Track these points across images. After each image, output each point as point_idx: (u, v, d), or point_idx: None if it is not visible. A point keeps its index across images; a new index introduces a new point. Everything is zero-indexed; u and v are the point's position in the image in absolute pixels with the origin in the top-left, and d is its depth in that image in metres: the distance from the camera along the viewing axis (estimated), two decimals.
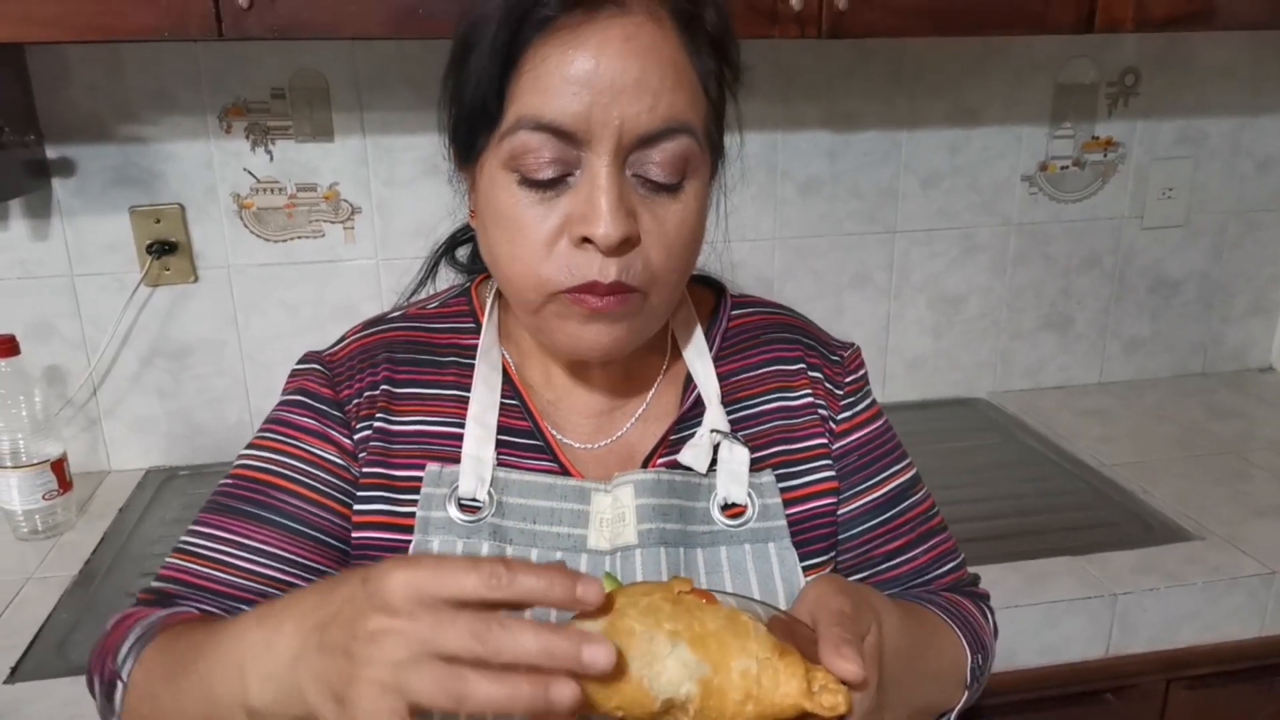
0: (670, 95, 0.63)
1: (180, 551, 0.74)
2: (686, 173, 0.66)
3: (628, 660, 0.49)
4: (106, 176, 1.35)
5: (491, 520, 0.72)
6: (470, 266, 0.87)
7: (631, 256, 0.65)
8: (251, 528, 0.73)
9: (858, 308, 1.64)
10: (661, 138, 0.64)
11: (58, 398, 1.41)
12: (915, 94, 1.55)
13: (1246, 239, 1.74)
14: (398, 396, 0.76)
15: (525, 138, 0.63)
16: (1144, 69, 1.61)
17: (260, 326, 1.45)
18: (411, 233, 1.44)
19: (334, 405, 0.76)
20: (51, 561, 1.21)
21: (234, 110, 1.36)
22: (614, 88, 0.62)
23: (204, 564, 0.72)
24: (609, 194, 0.63)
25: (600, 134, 0.62)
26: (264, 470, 0.74)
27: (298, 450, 0.74)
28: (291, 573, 0.72)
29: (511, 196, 0.65)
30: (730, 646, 0.52)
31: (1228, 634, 1.16)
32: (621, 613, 0.51)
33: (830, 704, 0.53)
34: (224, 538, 0.73)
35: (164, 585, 0.73)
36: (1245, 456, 1.46)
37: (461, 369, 0.77)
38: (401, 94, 1.39)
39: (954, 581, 0.83)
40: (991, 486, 1.41)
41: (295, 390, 0.77)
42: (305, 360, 0.79)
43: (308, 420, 0.75)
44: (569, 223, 0.64)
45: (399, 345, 0.78)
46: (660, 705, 0.50)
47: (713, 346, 0.80)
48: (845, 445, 0.80)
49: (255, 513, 0.73)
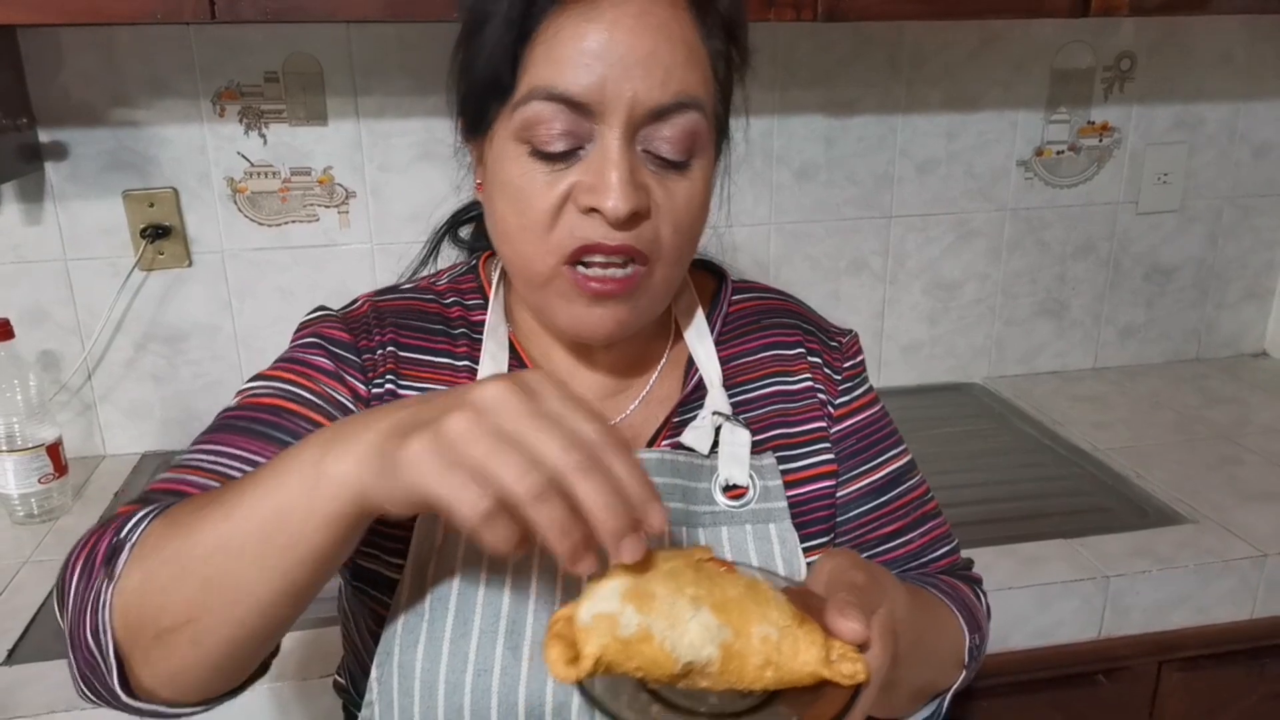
0: (681, 71, 0.64)
1: (180, 466, 0.67)
2: (694, 150, 0.67)
3: (649, 621, 0.50)
4: (100, 161, 1.34)
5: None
6: (473, 245, 0.87)
7: (641, 229, 0.66)
8: (264, 446, 0.67)
9: (854, 293, 1.64)
10: (672, 112, 0.64)
11: (52, 382, 1.40)
12: (912, 80, 1.54)
13: (1241, 225, 1.74)
14: (405, 361, 0.74)
15: (538, 108, 0.64)
16: (1140, 54, 1.60)
17: (255, 311, 1.44)
18: (407, 218, 1.44)
19: (353, 351, 0.73)
20: (47, 545, 1.22)
21: (227, 94, 1.35)
22: (626, 61, 0.62)
23: (208, 476, 0.66)
24: (620, 167, 0.63)
25: (613, 106, 0.63)
26: (278, 396, 0.70)
27: (313, 386, 0.71)
28: None
29: (522, 168, 0.65)
30: (751, 613, 0.52)
31: (1219, 617, 1.17)
32: (643, 576, 0.51)
33: (849, 672, 0.53)
34: (232, 453, 0.67)
35: (162, 491, 0.65)
36: (1238, 441, 1.47)
37: (473, 342, 0.76)
38: (395, 78, 1.38)
39: (949, 565, 0.83)
40: (986, 471, 1.41)
41: (310, 334, 0.74)
42: (319, 309, 0.77)
43: (323, 361, 0.72)
44: (577, 191, 0.65)
45: (410, 313, 0.77)
46: (680, 668, 0.50)
47: (714, 330, 0.81)
48: (843, 429, 0.81)
49: (268, 433, 0.68)
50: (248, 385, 0.72)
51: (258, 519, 0.53)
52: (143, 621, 0.55)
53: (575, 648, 0.50)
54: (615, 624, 0.49)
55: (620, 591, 0.51)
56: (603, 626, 0.49)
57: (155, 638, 0.55)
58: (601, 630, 0.49)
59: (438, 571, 0.69)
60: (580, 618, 0.50)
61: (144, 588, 0.55)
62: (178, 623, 0.55)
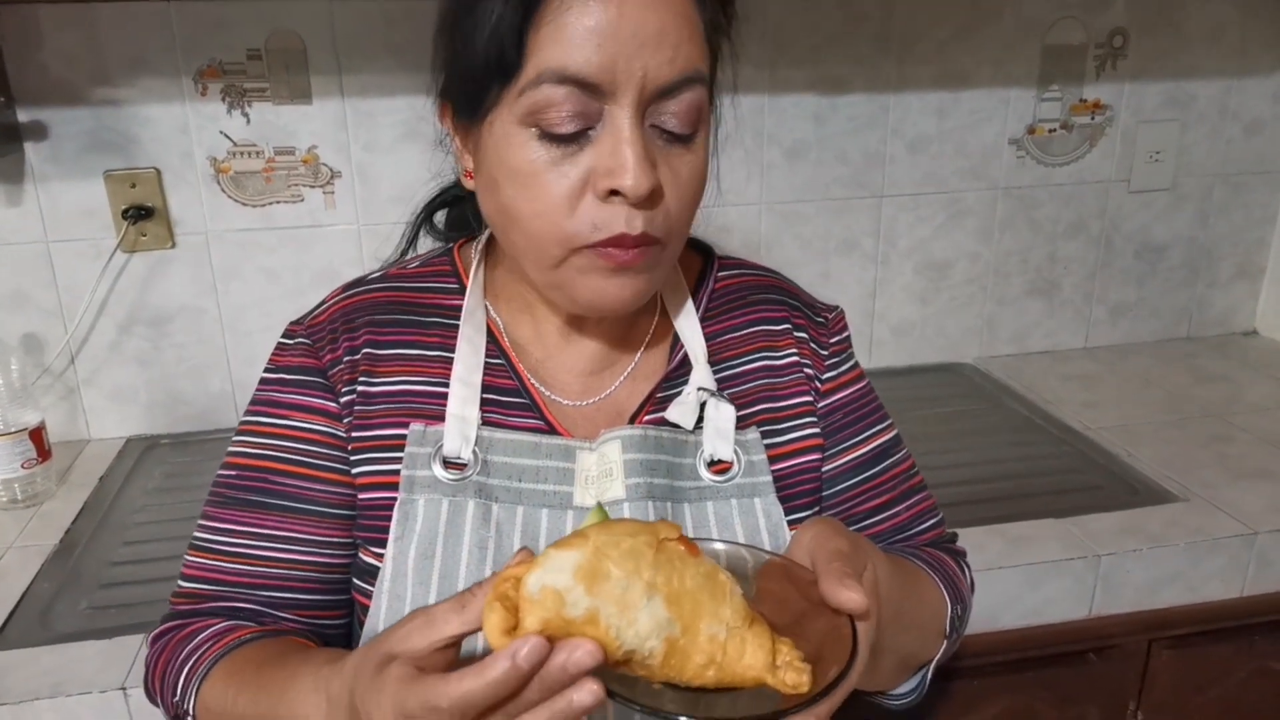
0: (687, 46, 0.64)
1: (199, 549, 0.75)
2: (699, 123, 0.67)
3: (598, 604, 0.48)
4: (80, 141, 1.32)
5: (476, 479, 0.71)
6: (448, 234, 0.87)
7: (656, 213, 0.65)
8: (262, 516, 0.74)
9: (845, 273, 1.63)
10: (680, 88, 0.64)
11: (35, 366, 1.39)
12: (903, 57, 1.53)
13: (1232, 203, 1.74)
14: (381, 358, 0.75)
15: (549, 91, 0.62)
16: (1132, 30, 1.59)
17: (240, 293, 1.43)
18: (393, 198, 1.42)
19: (317, 374, 0.76)
20: (32, 531, 1.20)
21: (209, 72, 1.33)
22: (637, 38, 0.61)
23: (226, 559, 0.74)
24: (634, 146, 0.63)
25: (624, 85, 0.62)
26: (261, 457, 0.75)
27: (289, 430, 0.75)
28: (312, 552, 0.74)
29: (530, 153, 0.64)
30: (703, 608, 0.51)
31: (1209, 594, 1.17)
32: (602, 553, 0.49)
33: (793, 682, 0.52)
34: (238, 530, 0.74)
35: (194, 586, 0.75)
36: (1228, 420, 1.47)
37: (446, 329, 0.76)
38: (381, 56, 1.36)
39: (934, 539, 0.84)
40: (977, 451, 1.41)
41: (278, 367, 0.78)
42: (287, 334, 0.79)
43: (293, 396, 0.76)
44: (594, 176, 0.64)
45: (381, 306, 0.77)
46: (622, 654, 0.49)
47: (700, 307, 0.81)
48: (830, 404, 0.81)
49: (262, 501, 0.74)
50: (236, 439, 0.77)
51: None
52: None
53: (516, 615, 0.48)
54: (562, 602, 0.47)
55: (575, 565, 0.48)
56: (549, 601, 0.47)
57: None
58: (546, 605, 0.47)
59: (418, 556, 0.70)
60: (528, 586, 0.48)
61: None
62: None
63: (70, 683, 0.92)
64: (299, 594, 0.75)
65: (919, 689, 0.79)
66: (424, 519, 0.70)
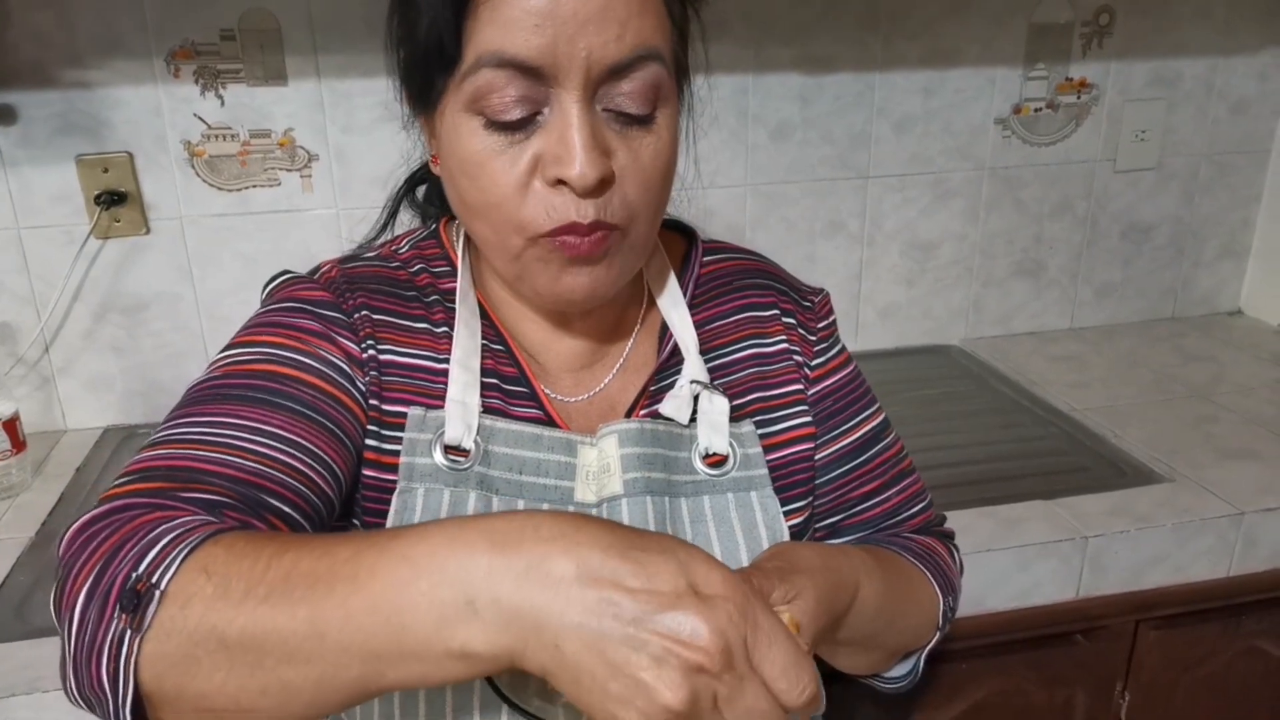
0: (637, 21, 0.60)
1: (166, 443, 0.60)
2: (658, 102, 0.64)
3: None
4: (51, 124, 1.29)
5: (478, 470, 0.69)
6: (425, 210, 0.84)
7: (609, 195, 0.63)
8: (265, 413, 0.62)
9: (830, 255, 1.62)
10: (631, 67, 0.61)
11: (8, 355, 1.36)
12: (889, 36, 1.51)
13: (1217, 182, 1.73)
14: (380, 325, 0.70)
15: (488, 76, 0.60)
16: (1118, 8, 1.58)
17: (216, 279, 1.40)
18: (372, 181, 1.40)
19: (337, 310, 0.69)
20: (7, 523, 1.18)
21: (182, 53, 1.30)
22: (578, 17, 0.58)
23: (213, 449, 0.59)
24: (581, 132, 0.60)
25: (567, 68, 0.59)
26: (267, 361, 0.65)
27: (303, 346, 0.66)
28: (315, 466, 0.63)
29: (479, 142, 0.62)
30: None
31: (1196, 575, 1.17)
32: None
33: None
34: (233, 423, 0.61)
35: (157, 478, 0.57)
36: (1214, 400, 1.47)
37: (447, 310, 0.73)
38: (358, 36, 1.33)
39: (924, 522, 0.84)
40: (964, 433, 1.41)
41: (285, 299, 0.69)
42: (284, 273, 0.72)
43: (308, 323, 0.67)
44: (542, 164, 0.62)
45: (379, 279, 0.73)
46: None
47: (686, 294, 0.79)
48: (820, 391, 0.80)
49: (267, 399, 0.63)
50: (225, 354, 0.66)
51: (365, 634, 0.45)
52: (181, 695, 0.48)
53: None
54: None
55: None
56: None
57: (194, 711, 0.49)
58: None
59: None
60: None
61: (190, 667, 0.47)
62: (227, 709, 0.48)
63: (47, 678, 0.90)
64: (299, 512, 0.61)
65: (913, 674, 0.79)
66: (424, 509, 0.67)
